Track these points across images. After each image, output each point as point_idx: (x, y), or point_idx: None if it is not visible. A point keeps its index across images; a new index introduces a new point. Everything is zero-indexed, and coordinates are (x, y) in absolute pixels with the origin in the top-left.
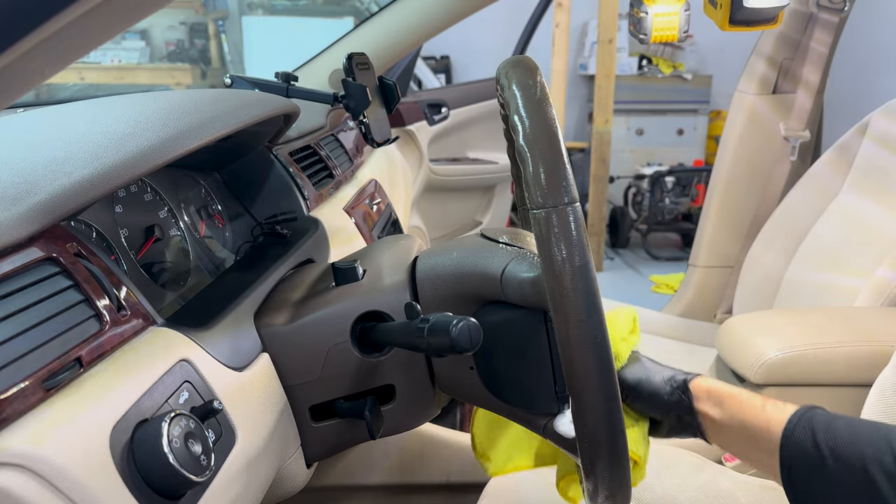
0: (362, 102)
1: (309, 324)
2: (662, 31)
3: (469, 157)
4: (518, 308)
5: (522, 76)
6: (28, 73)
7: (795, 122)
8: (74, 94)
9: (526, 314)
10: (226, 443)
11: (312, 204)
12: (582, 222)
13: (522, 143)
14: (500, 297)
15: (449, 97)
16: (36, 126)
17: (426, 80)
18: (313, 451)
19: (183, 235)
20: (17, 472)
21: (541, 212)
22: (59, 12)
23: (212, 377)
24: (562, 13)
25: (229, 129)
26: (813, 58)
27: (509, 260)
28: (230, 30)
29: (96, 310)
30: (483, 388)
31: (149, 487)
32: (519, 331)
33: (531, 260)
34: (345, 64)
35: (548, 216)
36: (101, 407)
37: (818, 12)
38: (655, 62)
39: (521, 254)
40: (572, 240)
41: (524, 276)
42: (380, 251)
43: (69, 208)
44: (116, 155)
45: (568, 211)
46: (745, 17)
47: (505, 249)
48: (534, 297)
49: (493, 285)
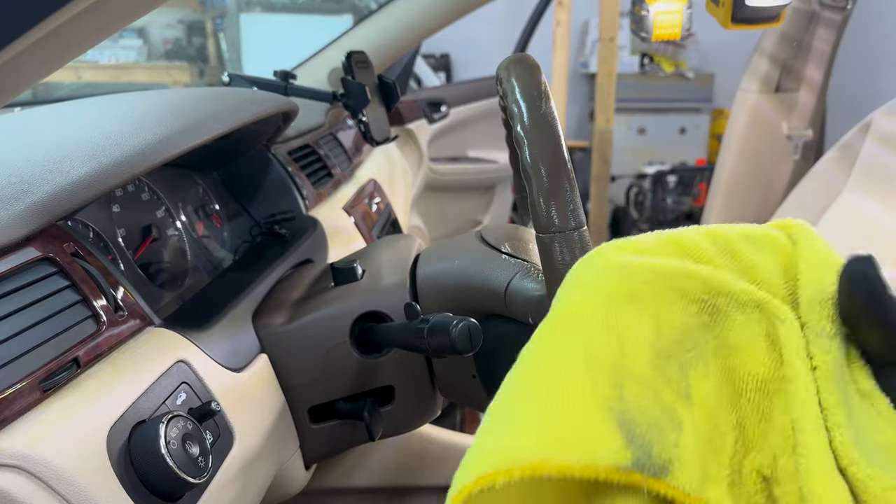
0: (361, 101)
1: (308, 324)
2: (664, 30)
3: (469, 156)
4: (522, 323)
5: (523, 74)
6: (25, 72)
7: (798, 120)
8: (71, 92)
9: (531, 329)
10: (224, 444)
11: (311, 203)
12: (587, 240)
13: (520, 132)
14: (503, 312)
15: (449, 95)
16: (33, 125)
17: (426, 78)
18: (312, 452)
19: (181, 235)
20: (14, 473)
21: (546, 236)
22: (55, 11)
23: (209, 378)
24: (563, 11)
25: (227, 127)
26: (816, 56)
27: (513, 274)
28: (228, 28)
29: (93, 310)
30: (486, 397)
31: (146, 489)
32: (523, 345)
33: (535, 276)
34: (344, 62)
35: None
36: (99, 408)
37: (821, 10)
38: (657, 60)
39: (526, 268)
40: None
41: (529, 294)
42: (379, 251)
43: (66, 208)
44: (114, 154)
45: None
46: (747, 16)
47: (508, 262)
48: (539, 319)
49: (497, 300)
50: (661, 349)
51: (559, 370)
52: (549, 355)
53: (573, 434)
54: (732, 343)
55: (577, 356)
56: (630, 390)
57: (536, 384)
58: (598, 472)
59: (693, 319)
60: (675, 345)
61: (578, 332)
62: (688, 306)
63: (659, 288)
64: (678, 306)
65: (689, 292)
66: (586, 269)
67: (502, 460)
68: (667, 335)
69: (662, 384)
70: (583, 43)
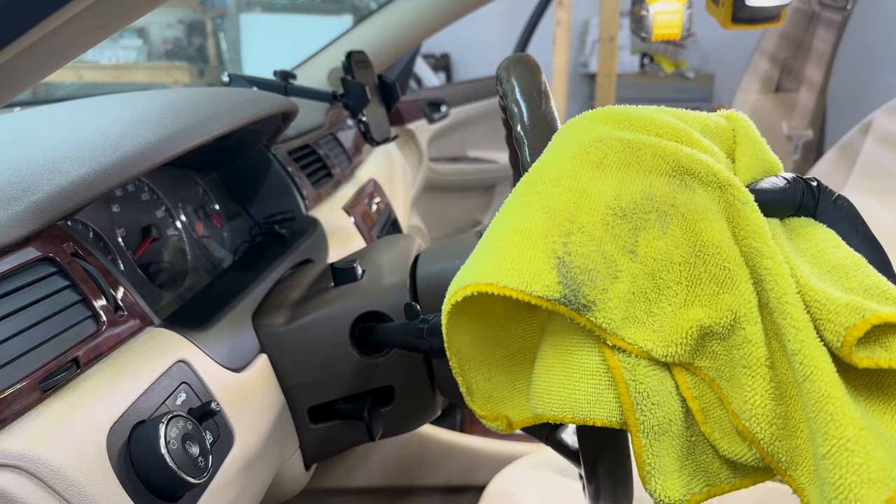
0: (361, 101)
1: (307, 324)
2: (664, 30)
3: (469, 156)
4: None
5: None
6: (25, 72)
7: (798, 120)
8: (72, 92)
9: None
10: (223, 444)
11: (311, 203)
12: None
13: (520, 132)
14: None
15: (449, 95)
16: (33, 125)
17: (426, 78)
18: (312, 452)
19: (180, 235)
20: (14, 473)
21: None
22: (56, 10)
23: (209, 378)
24: (563, 11)
25: (227, 127)
26: (815, 56)
27: None
28: (228, 28)
29: (93, 310)
30: None
31: (146, 489)
32: None
33: None
34: (344, 62)
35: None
36: (98, 408)
37: (821, 10)
38: (657, 60)
39: None
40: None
41: None
42: (379, 251)
43: (66, 208)
44: (114, 154)
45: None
46: (747, 16)
47: None
48: None
49: None
50: (618, 209)
51: (522, 217)
52: (518, 204)
53: (518, 268)
54: (700, 211)
55: (538, 207)
56: (576, 240)
57: (504, 227)
58: (530, 298)
59: (658, 189)
60: (634, 207)
61: (545, 186)
62: (654, 178)
63: (628, 159)
64: (643, 177)
65: (658, 167)
66: (568, 133)
67: (467, 280)
68: (626, 198)
69: (609, 239)
70: (583, 43)
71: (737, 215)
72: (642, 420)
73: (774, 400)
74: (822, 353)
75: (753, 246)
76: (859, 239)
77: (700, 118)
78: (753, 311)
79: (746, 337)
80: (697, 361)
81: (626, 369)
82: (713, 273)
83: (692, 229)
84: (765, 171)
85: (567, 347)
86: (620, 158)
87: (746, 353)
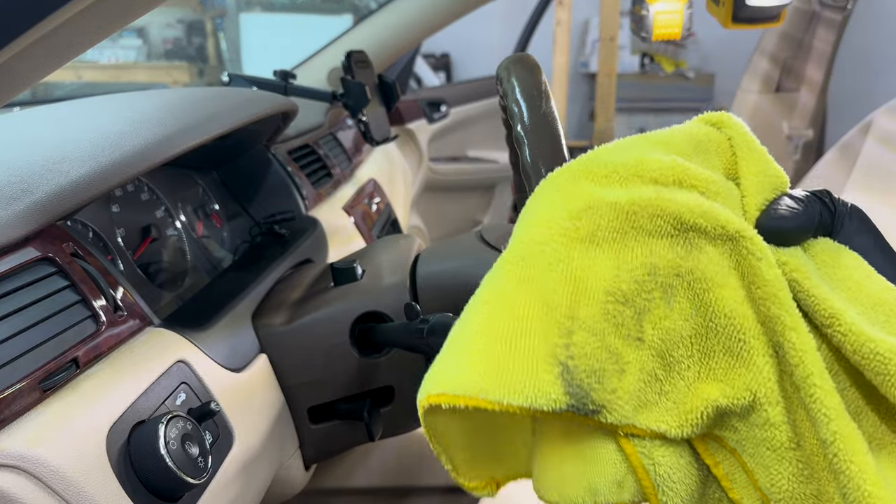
0: (361, 101)
1: (307, 324)
2: (664, 29)
3: (469, 156)
4: None
5: (523, 74)
6: (25, 72)
7: (798, 120)
8: (71, 92)
9: None
10: (223, 445)
11: (311, 203)
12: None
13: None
14: None
15: (449, 95)
16: (32, 125)
17: (426, 78)
18: (312, 452)
19: (180, 235)
20: (14, 473)
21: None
22: (55, 10)
23: (209, 378)
24: (563, 11)
25: (227, 127)
26: (816, 56)
27: None
28: (228, 27)
29: (93, 310)
30: None
31: (146, 489)
32: None
33: None
34: (343, 62)
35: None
36: (98, 408)
37: (821, 10)
38: (657, 60)
39: None
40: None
41: None
42: (379, 251)
43: (66, 208)
44: (113, 154)
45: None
46: (748, 15)
47: None
48: None
49: None
50: (618, 293)
51: (514, 312)
52: (507, 293)
53: (519, 380)
54: (709, 277)
55: (534, 302)
56: (578, 340)
57: (492, 320)
58: (534, 412)
59: (660, 258)
60: (636, 288)
61: (537, 272)
62: (655, 244)
63: (623, 226)
64: (642, 246)
65: (657, 229)
66: (553, 198)
67: (450, 387)
68: (626, 277)
69: (612, 330)
70: (583, 43)
71: (752, 272)
72: (665, 501)
73: (804, 482)
74: (859, 443)
75: (773, 312)
76: (879, 254)
77: (690, 134)
78: (774, 391)
79: (768, 419)
80: (717, 432)
81: (644, 454)
82: (726, 345)
83: (700, 299)
84: (774, 188)
85: (580, 437)
86: (614, 227)
87: (770, 435)
